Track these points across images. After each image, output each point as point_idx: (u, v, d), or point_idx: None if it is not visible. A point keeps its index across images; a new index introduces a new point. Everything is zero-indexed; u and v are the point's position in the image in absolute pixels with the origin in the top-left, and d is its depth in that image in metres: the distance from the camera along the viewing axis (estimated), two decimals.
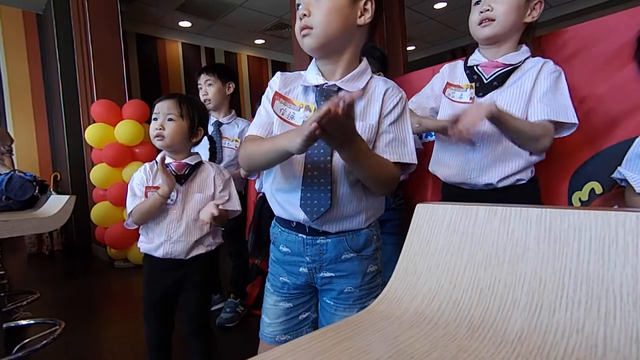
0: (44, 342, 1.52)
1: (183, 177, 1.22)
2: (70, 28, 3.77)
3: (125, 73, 3.79)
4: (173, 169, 1.22)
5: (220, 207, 1.15)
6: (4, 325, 1.62)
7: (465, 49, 1.12)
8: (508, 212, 0.46)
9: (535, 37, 1.15)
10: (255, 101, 4.73)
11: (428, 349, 0.38)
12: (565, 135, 1.03)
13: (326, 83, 0.84)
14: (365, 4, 0.78)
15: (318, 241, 0.85)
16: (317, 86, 0.84)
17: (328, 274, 0.87)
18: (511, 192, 1.07)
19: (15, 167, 2.28)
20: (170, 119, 1.21)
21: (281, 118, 0.85)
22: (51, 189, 2.25)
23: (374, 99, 0.84)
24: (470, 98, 1.11)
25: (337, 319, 0.86)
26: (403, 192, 1.64)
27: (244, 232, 2.19)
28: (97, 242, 3.69)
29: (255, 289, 2.21)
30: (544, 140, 0.99)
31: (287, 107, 0.86)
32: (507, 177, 1.06)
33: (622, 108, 1.11)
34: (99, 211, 3.28)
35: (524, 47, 1.08)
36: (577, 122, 0.99)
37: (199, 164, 1.27)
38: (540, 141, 0.99)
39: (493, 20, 1.03)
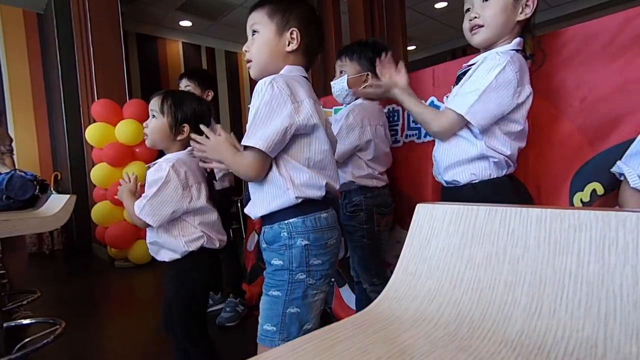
0: (45, 341, 1.53)
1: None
2: (70, 28, 3.77)
3: (126, 73, 3.79)
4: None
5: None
6: (5, 325, 1.61)
7: (465, 49, 1.11)
8: (508, 213, 0.46)
9: (535, 37, 1.15)
10: None
11: (428, 349, 0.38)
12: (473, 129, 1.02)
13: None
14: (292, 34, 0.94)
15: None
16: None
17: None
18: (464, 191, 1.07)
19: (16, 167, 2.28)
20: (153, 116, 1.15)
21: None
22: (52, 189, 2.25)
23: None
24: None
25: None
26: (396, 192, 1.62)
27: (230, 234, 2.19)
28: (97, 242, 3.69)
29: (257, 289, 2.20)
30: (431, 125, 1.08)
31: None
32: (455, 173, 1.08)
33: (623, 109, 1.11)
34: (99, 211, 3.28)
35: (504, 45, 1.04)
36: (459, 112, 0.99)
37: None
38: (428, 125, 1.09)
39: (482, 26, 1.03)
